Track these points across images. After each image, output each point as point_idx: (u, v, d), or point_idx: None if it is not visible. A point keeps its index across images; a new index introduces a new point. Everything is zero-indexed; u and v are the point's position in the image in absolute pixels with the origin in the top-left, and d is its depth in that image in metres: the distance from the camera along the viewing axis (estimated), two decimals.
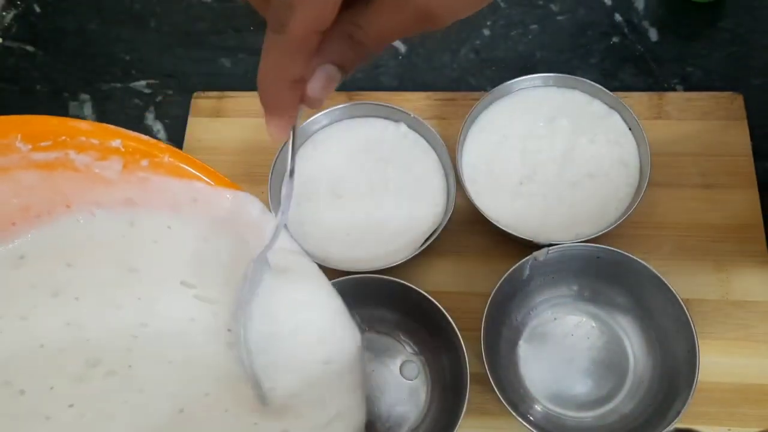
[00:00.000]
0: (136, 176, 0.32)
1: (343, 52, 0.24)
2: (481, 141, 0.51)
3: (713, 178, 0.51)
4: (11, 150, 0.30)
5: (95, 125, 0.32)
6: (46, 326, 0.31)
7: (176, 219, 0.33)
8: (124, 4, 0.65)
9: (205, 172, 0.33)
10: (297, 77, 0.24)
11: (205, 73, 0.61)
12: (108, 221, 0.33)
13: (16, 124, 0.31)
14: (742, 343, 0.46)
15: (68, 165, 0.32)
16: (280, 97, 0.25)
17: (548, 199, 0.49)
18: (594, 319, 0.47)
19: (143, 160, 0.32)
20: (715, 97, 0.54)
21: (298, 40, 0.23)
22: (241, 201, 0.33)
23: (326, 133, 0.53)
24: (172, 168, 0.33)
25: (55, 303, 0.32)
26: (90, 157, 0.32)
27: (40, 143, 0.31)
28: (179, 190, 0.33)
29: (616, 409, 0.45)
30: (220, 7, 0.64)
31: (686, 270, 0.48)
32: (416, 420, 0.45)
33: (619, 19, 0.60)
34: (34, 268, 0.32)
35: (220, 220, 0.33)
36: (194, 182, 0.33)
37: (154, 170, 0.32)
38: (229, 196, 0.33)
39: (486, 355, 0.41)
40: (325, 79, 0.25)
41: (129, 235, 0.33)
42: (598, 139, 0.50)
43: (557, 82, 0.52)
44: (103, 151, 0.32)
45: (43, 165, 0.31)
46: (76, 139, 0.31)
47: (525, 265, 0.44)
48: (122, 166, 0.32)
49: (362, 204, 0.50)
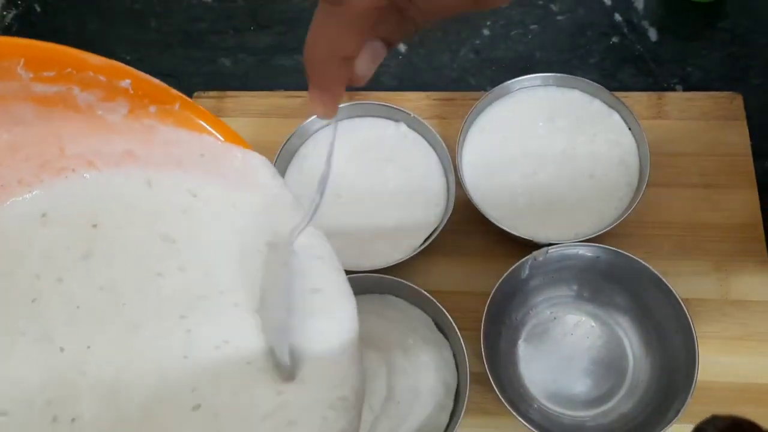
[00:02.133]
0: (141, 123, 0.30)
1: (392, 28, 0.23)
2: (481, 141, 0.51)
3: (713, 178, 0.51)
4: (11, 76, 0.27)
5: (106, 61, 0.28)
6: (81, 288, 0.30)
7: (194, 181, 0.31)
8: (125, 4, 0.65)
9: (215, 125, 0.31)
10: (349, 54, 0.23)
11: (206, 73, 0.61)
12: (119, 179, 0.31)
13: (20, 48, 0.27)
14: (741, 342, 0.47)
15: (69, 102, 0.29)
16: (330, 74, 0.24)
17: (548, 198, 0.49)
18: (593, 318, 0.47)
19: (151, 105, 0.30)
20: (715, 97, 0.54)
21: (357, 13, 0.22)
22: (251, 162, 0.31)
23: (326, 132, 0.53)
24: (182, 118, 0.30)
25: (86, 265, 0.30)
26: (94, 96, 0.29)
27: (43, 72, 0.27)
28: (186, 143, 0.30)
29: (615, 408, 0.45)
30: (220, 7, 0.64)
31: (685, 269, 0.49)
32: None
33: (618, 19, 0.60)
34: (61, 228, 0.30)
35: (228, 181, 0.31)
36: (204, 136, 0.30)
37: (162, 119, 0.30)
38: (239, 155, 0.31)
39: (486, 355, 0.41)
40: (372, 54, 0.24)
41: (151, 197, 0.31)
42: (597, 138, 0.50)
43: (557, 82, 0.52)
44: (110, 91, 0.29)
45: (42, 99, 0.28)
46: (83, 73, 0.28)
47: (525, 264, 0.44)
48: (128, 111, 0.30)
49: (362, 203, 0.50)
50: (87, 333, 0.29)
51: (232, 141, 0.31)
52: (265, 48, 0.62)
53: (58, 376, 0.29)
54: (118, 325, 0.30)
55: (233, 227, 0.31)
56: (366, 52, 0.24)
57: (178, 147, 0.31)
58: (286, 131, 0.51)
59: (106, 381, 0.29)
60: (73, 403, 0.28)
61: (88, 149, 0.31)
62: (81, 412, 0.28)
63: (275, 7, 0.63)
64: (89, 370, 0.29)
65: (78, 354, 0.29)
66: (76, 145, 0.31)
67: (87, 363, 0.29)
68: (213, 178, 0.31)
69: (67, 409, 0.28)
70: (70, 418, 0.28)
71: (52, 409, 0.28)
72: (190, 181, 0.31)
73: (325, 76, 0.24)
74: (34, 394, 0.28)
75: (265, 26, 0.62)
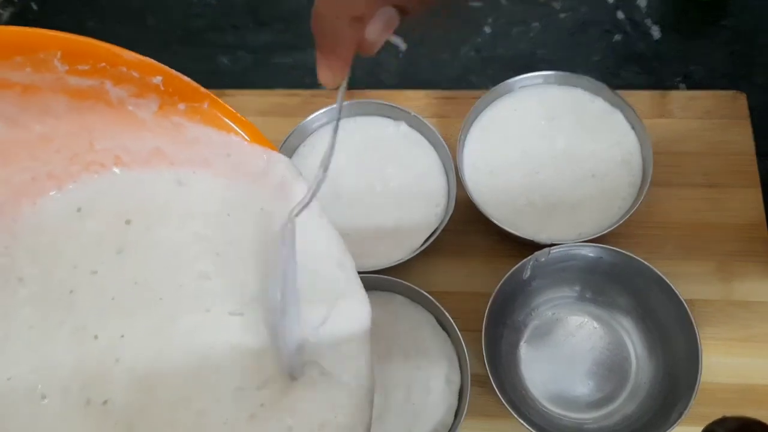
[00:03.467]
0: (171, 121, 0.30)
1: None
2: (482, 140, 0.50)
3: (716, 178, 0.51)
4: (48, 68, 0.27)
5: (139, 57, 0.29)
6: (115, 281, 0.31)
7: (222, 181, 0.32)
8: (122, 2, 0.65)
9: (242, 125, 0.31)
10: (359, 13, 0.23)
11: (204, 71, 0.61)
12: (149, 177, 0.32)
13: (59, 40, 0.27)
14: (745, 343, 0.46)
15: (102, 97, 0.29)
16: (338, 35, 0.24)
17: (550, 198, 0.48)
18: (596, 319, 0.47)
19: (181, 103, 0.30)
20: (718, 96, 0.54)
21: None
22: (276, 164, 0.31)
23: (326, 131, 0.52)
24: (210, 117, 0.31)
25: (120, 260, 0.31)
26: (126, 92, 0.29)
27: (79, 65, 0.28)
28: (213, 141, 0.31)
29: (617, 410, 0.44)
30: (218, 5, 0.64)
31: (689, 270, 0.48)
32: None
33: (621, 17, 0.59)
34: (95, 223, 0.31)
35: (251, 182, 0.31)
36: (231, 135, 0.31)
37: (190, 117, 0.30)
38: (264, 156, 0.31)
39: (487, 356, 0.41)
40: (384, 21, 0.23)
41: (181, 196, 0.32)
42: (600, 137, 0.50)
43: (559, 80, 0.51)
44: (142, 87, 0.29)
45: (75, 92, 0.29)
46: (117, 68, 0.28)
47: (526, 265, 0.44)
48: (158, 107, 0.30)
49: (362, 203, 0.49)
50: (121, 323, 0.31)
51: (257, 141, 0.31)
52: (264, 46, 0.61)
53: (92, 363, 0.30)
54: (151, 317, 0.31)
55: (259, 227, 0.32)
56: (378, 17, 0.23)
57: (206, 146, 0.31)
58: (285, 130, 0.51)
59: (138, 368, 0.30)
60: (105, 387, 0.30)
61: (117, 144, 0.31)
62: (113, 396, 0.29)
63: (274, 5, 0.62)
64: (122, 357, 0.30)
65: (112, 342, 0.30)
66: (105, 140, 0.31)
67: (121, 350, 0.30)
68: (240, 178, 0.32)
69: (99, 392, 0.29)
70: (102, 400, 0.29)
71: (85, 393, 0.29)
72: (219, 181, 0.32)
73: (333, 37, 0.24)
74: (69, 378, 0.30)
75: (264, 24, 0.62)
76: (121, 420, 0.29)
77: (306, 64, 0.60)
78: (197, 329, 0.31)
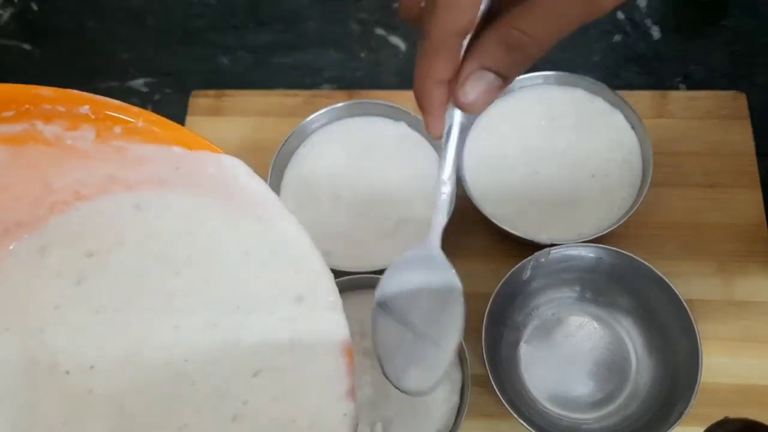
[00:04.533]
0: (112, 146, 0.30)
1: (499, 58, 0.25)
2: (482, 140, 0.50)
3: (716, 178, 0.51)
4: None
5: (58, 91, 0.29)
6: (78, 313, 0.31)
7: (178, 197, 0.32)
8: (122, 2, 0.65)
9: (181, 134, 0.31)
10: (442, 77, 0.26)
11: (204, 71, 0.61)
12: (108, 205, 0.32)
13: None
14: (746, 344, 0.46)
15: (38, 138, 0.29)
16: (429, 96, 0.27)
17: (549, 198, 0.48)
18: (596, 320, 0.47)
19: (116, 126, 0.30)
20: (718, 96, 0.53)
21: (435, 42, 0.25)
22: (226, 166, 0.31)
23: (326, 131, 0.52)
24: (148, 134, 0.30)
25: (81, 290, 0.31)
26: (59, 127, 0.29)
27: (2, 113, 0.28)
28: (158, 158, 0.31)
29: (618, 410, 0.44)
30: (218, 5, 0.64)
31: (689, 270, 0.48)
32: None
33: (621, 17, 0.59)
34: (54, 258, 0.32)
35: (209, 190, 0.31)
36: (172, 147, 0.30)
37: (129, 137, 0.30)
38: (213, 160, 0.31)
39: (487, 356, 0.41)
40: (480, 84, 0.26)
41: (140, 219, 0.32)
42: (600, 137, 0.50)
43: (559, 80, 0.51)
44: (72, 119, 0.29)
45: (11, 139, 0.29)
46: (40, 106, 0.28)
47: (526, 265, 0.44)
48: (95, 135, 0.30)
49: (362, 203, 0.49)
50: (89, 354, 0.31)
51: (200, 148, 0.31)
52: (264, 46, 0.61)
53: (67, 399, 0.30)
54: (118, 342, 0.31)
55: (222, 238, 0.32)
56: (473, 80, 0.26)
57: (153, 163, 0.31)
58: (285, 130, 0.51)
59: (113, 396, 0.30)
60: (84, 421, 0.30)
61: (73, 180, 0.31)
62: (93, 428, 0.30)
63: (274, 5, 0.62)
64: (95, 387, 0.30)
65: (83, 374, 0.31)
66: (60, 178, 0.31)
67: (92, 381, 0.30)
68: (194, 190, 0.32)
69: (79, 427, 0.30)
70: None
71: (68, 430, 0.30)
72: (176, 198, 0.32)
73: (424, 98, 0.27)
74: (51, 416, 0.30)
75: (264, 24, 0.62)
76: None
77: (306, 64, 0.60)
78: (167, 348, 0.31)
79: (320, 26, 0.61)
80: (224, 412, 0.29)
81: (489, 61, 0.25)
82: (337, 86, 0.59)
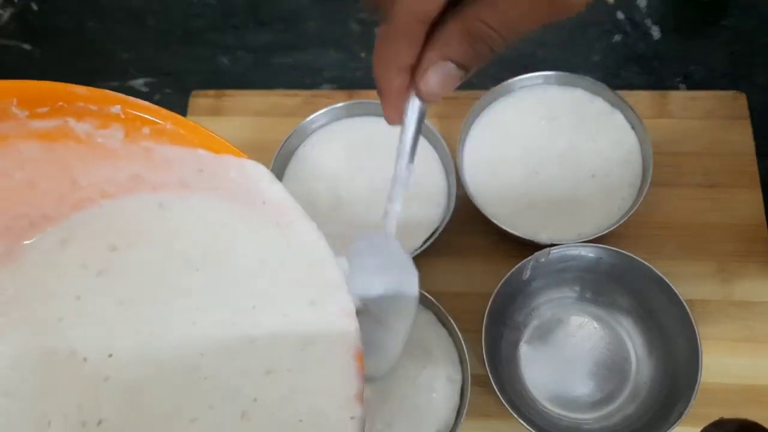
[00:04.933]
0: (140, 146, 0.31)
1: (463, 49, 0.25)
2: (482, 140, 0.50)
3: (716, 178, 0.51)
4: (8, 116, 0.28)
5: (92, 90, 0.30)
6: (99, 304, 0.32)
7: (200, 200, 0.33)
8: (122, 2, 0.65)
9: (206, 138, 0.31)
10: (402, 65, 0.26)
11: (204, 71, 0.61)
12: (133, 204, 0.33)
13: (10, 88, 0.28)
14: (745, 343, 0.46)
15: (69, 135, 0.30)
16: (388, 82, 0.27)
17: (550, 198, 0.48)
18: (596, 320, 0.47)
19: (144, 127, 0.31)
20: (718, 96, 0.53)
21: (399, 27, 0.24)
22: (248, 170, 0.32)
23: (326, 131, 0.52)
24: (175, 136, 0.31)
25: (101, 282, 0.32)
26: (90, 125, 0.30)
27: (37, 109, 0.29)
28: (183, 160, 0.31)
29: (618, 410, 0.44)
30: (218, 5, 0.64)
31: (689, 270, 0.48)
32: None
33: (621, 17, 0.59)
34: (77, 250, 0.33)
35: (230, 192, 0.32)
36: (198, 150, 0.31)
37: (157, 139, 0.31)
38: (236, 165, 0.32)
39: (487, 356, 0.41)
40: (441, 74, 0.25)
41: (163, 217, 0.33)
42: (600, 137, 0.50)
43: (559, 81, 0.51)
44: (103, 118, 0.30)
45: (44, 135, 0.30)
46: (74, 104, 0.29)
47: (526, 265, 0.44)
48: (124, 135, 0.31)
49: (362, 203, 0.49)
50: (108, 343, 0.32)
51: (225, 152, 0.32)
52: (264, 46, 0.61)
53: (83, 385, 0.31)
54: (137, 334, 0.32)
55: (245, 238, 0.33)
56: (435, 70, 0.25)
57: (178, 165, 0.32)
58: (285, 130, 0.51)
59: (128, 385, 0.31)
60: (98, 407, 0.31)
61: (99, 178, 0.32)
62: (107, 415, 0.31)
63: (274, 5, 0.62)
64: (111, 375, 0.31)
65: (100, 362, 0.31)
66: (87, 176, 0.32)
67: (109, 368, 0.31)
68: (216, 193, 0.32)
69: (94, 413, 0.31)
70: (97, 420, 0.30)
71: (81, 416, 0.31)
72: (199, 201, 0.33)
73: (384, 84, 0.27)
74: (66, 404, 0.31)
75: (264, 24, 0.62)
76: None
77: (306, 64, 0.60)
78: (184, 341, 0.31)
79: (320, 26, 0.61)
80: (234, 409, 0.30)
81: (452, 53, 0.25)
82: (337, 86, 0.59)
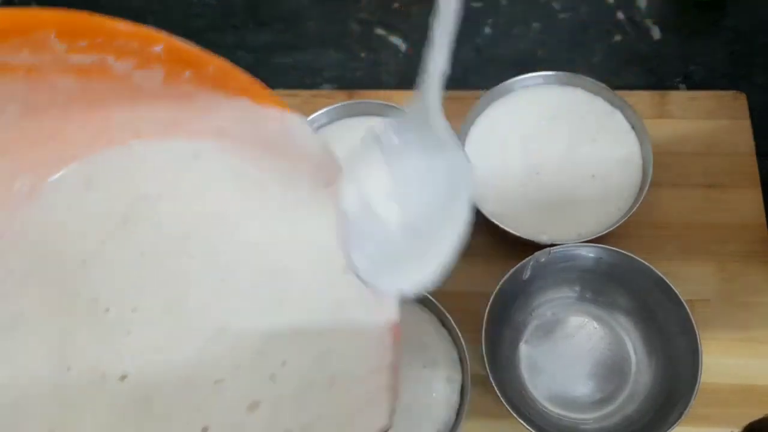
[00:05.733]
0: (179, 90, 0.29)
1: None
2: (482, 140, 0.50)
3: (716, 178, 0.51)
4: (45, 48, 0.26)
5: (136, 27, 0.28)
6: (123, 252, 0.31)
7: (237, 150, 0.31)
8: (122, 2, 0.65)
9: (251, 86, 0.30)
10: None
11: None
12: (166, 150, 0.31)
13: (50, 19, 0.26)
14: (746, 344, 0.46)
15: (107, 72, 0.28)
16: None
17: (550, 198, 0.48)
18: (596, 320, 0.47)
19: (186, 71, 0.29)
20: (719, 96, 0.53)
21: None
22: (290, 124, 0.30)
23: (326, 131, 0.52)
24: (218, 81, 0.29)
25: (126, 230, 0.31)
26: (129, 64, 0.28)
27: (76, 42, 0.27)
28: (224, 107, 0.30)
29: (618, 410, 0.44)
30: (218, 5, 0.64)
31: (689, 270, 0.48)
32: None
33: (621, 18, 0.59)
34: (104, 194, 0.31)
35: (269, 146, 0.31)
36: (241, 99, 0.30)
37: (197, 84, 0.29)
38: (278, 117, 0.30)
39: (487, 356, 0.41)
40: None
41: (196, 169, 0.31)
42: (600, 138, 0.50)
43: (559, 81, 0.51)
44: (144, 58, 0.28)
45: (80, 70, 0.28)
46: (115, 41, 0.27)
47: (526, 265, 0.44)
48: (164, 77, 0.29)
49: None
50: (132, 296, 0.31)
51: (268, 102, 0.30)
52: (264, 46, 0.61)
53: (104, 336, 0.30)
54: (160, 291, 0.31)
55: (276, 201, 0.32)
56: None
57: (218, 113, 0.30)
58: None
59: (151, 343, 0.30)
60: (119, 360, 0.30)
61: (135, 117, 0.31)
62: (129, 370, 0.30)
63: (274, 5, 0.62)
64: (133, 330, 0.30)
65: (123, 314, 0.31)
66: (122, 114, 0.31)
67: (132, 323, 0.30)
68: (255, 144, 0.31)
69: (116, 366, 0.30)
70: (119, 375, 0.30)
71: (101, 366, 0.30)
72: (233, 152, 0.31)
73: None
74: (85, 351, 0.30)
75: (264, 24, 0.62)
76: (139, 396, 0.29)
77: (306, 64, 0.60)
78: (210, 303, 0.30)
79: (320, 26, 0.61)
80: (262, 372, 0.29)
81: None
82: (337, 86, 0.59)
